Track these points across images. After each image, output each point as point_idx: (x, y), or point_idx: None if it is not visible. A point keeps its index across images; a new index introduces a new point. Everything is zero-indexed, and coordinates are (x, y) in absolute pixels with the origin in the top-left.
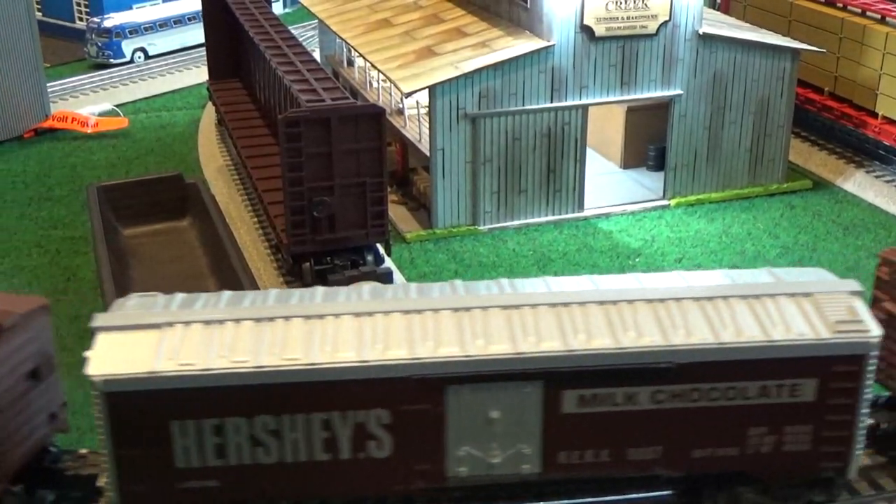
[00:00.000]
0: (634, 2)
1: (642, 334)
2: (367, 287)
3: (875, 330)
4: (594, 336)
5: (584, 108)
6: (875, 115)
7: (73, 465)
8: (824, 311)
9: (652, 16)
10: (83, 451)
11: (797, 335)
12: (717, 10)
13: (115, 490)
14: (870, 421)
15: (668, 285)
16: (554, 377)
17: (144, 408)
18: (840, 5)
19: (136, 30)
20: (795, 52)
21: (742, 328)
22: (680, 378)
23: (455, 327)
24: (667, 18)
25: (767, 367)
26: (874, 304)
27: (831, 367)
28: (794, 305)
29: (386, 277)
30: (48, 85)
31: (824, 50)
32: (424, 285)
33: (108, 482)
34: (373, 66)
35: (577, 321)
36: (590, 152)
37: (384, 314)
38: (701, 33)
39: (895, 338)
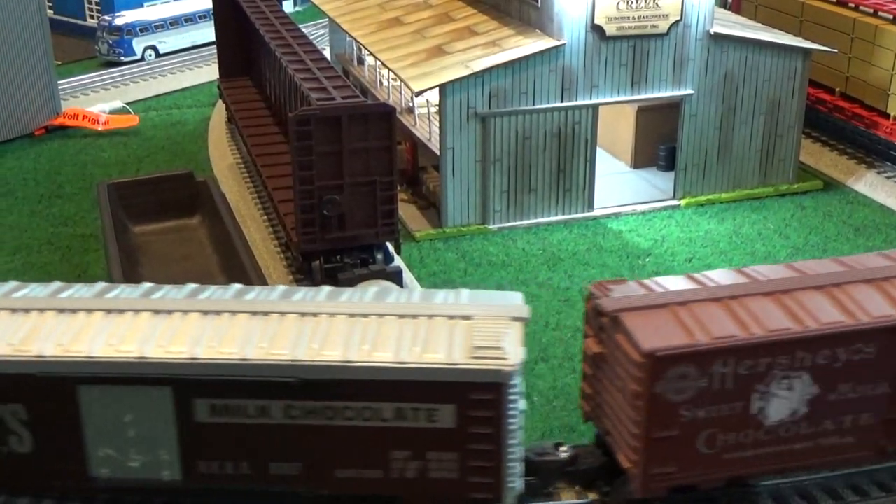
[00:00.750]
0: (645, 1)
1: (274, 347)
2: (53, 286)
3: (514, 359)
4: (224, 345)
5: (595, 107)
6: (887, 116)
7: None
8: (472, 335)
9: (663, 15)
10: None
11: (429, 359)
12: (729, 9)
13: None
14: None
15: (332, 300)
16: (181, 384)
17: None
18: (852, 5)
19: (146, 28)
20: (807, 52)
21: (377, 348)
22: (310, 394)
23: (93, 327)
24: (678, 18)
25: (401, 390)
26: (585, 338)
27: (468, 394)
28: (446, 328)
29: (395, 276)
30: (59, 82)
31: (836, 50)
32: (101, 286)
33: None
34: (383, 64)
35: (222, 330)
36: (600, 152)
37: (39, 312)
38: (712, 33)
39: (599, 376)
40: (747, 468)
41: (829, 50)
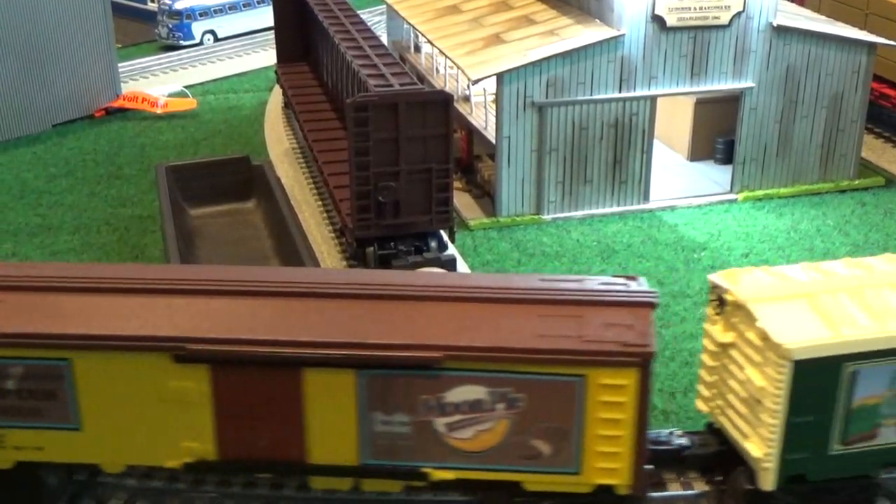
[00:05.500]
0: None
1: None
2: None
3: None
4: None
5: (653, 98)
6: None
7: None
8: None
9: (725, 6)
10: None
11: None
12: (793, 1)
13: None
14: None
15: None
16: None
17: None
18: None
19: (205, 12)
20: (871, 46)
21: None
22: None
23: None
24: (740, 9)
25: None
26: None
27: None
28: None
29: (449, 264)
30: (119, 65)
31: None
32: None
33: None
34: (440, 52)
35: None
36: (657, 144)
37: None
38: (775, 25)
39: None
40: None
41: (895, 44)
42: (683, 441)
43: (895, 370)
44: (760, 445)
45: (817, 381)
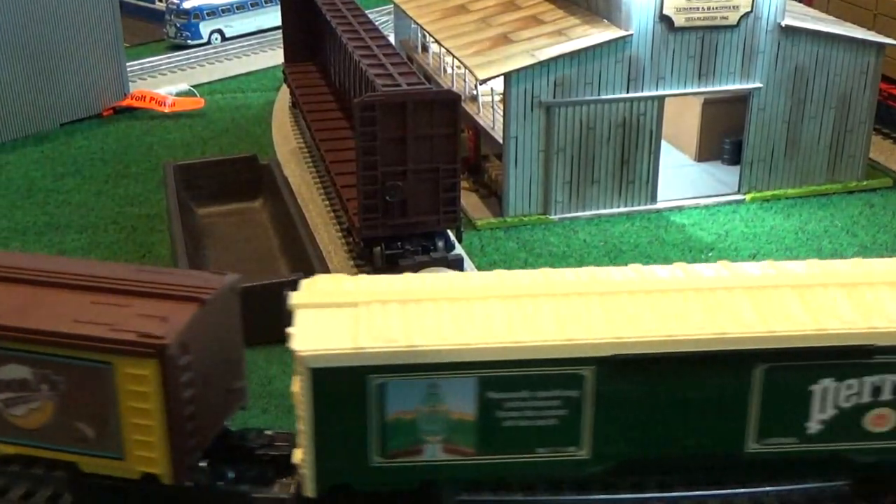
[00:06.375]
0: None
1: None
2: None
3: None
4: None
5: (661, 99)
6: None
7: None
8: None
9: (733, 7)
10: None
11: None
12: (801, 1)
13: None
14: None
15: None
16: None
17: None
18: None
19: (213, 12)
20: (880, 46)
21: None
22: None
23: None
24: (748, 10)
25: None
26: None
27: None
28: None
29: (457, 264)
30: (128, 64)
31: None
32: None
33: None
34: (448, 52)
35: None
36: (664, 144)
37: None
38: (783, 25)
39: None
40: None
41: None
42: (262, 440)
43: (427, 385)
44: (300, 451)
45: (342, 392)
